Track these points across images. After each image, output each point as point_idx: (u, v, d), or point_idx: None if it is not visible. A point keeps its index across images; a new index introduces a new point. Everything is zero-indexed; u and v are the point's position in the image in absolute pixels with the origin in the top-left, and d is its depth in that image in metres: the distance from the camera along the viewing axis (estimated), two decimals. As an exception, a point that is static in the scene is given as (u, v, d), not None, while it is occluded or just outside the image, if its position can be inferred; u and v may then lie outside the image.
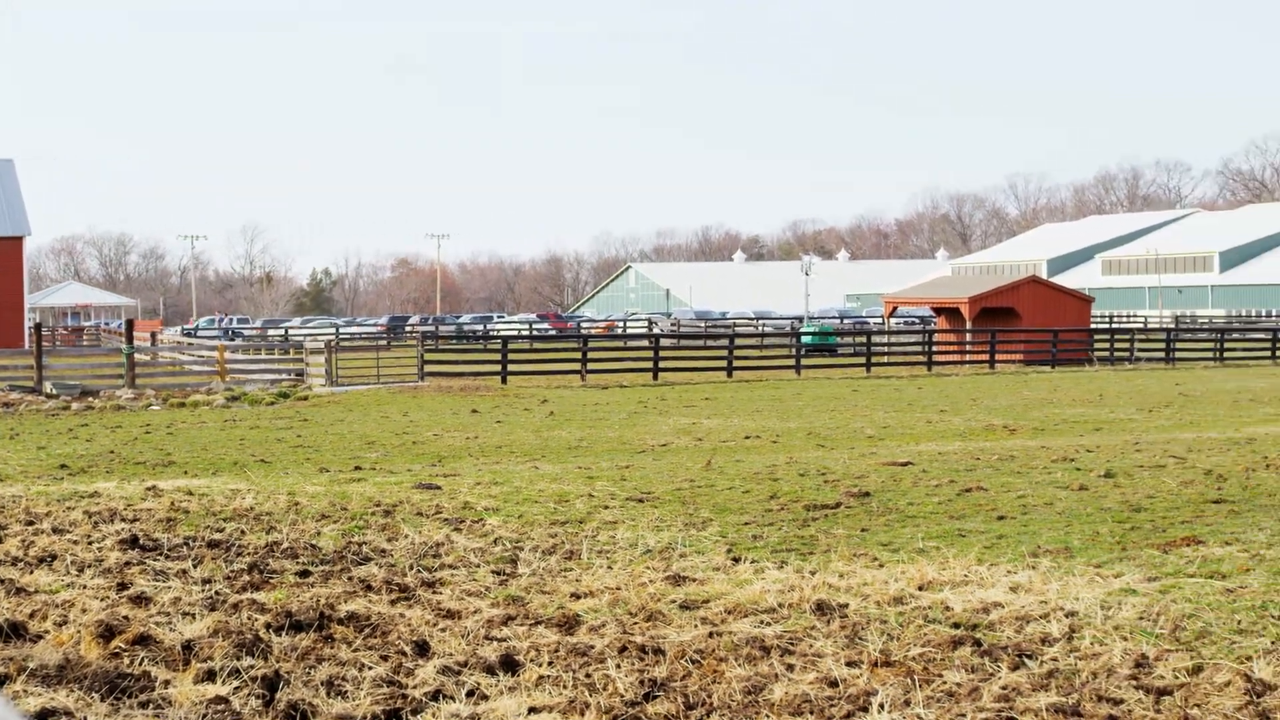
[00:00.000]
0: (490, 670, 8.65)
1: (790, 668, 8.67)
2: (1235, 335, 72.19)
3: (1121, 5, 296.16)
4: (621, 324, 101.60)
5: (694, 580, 11.24)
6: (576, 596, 10.76)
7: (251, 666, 8.60)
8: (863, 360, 52.34)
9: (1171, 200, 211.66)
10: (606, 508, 15.36)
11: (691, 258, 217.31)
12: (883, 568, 11.55)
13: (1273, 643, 8.91)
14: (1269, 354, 58.83)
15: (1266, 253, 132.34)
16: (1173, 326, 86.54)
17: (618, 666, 8.68)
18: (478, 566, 12.01)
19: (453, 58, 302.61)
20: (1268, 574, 11.02)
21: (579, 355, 47.61)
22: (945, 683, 8.27)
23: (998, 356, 53.64)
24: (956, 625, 9.58)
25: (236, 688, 8.22)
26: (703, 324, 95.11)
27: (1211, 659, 8.59)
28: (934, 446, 22.01)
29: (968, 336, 56.85)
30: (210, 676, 8.43)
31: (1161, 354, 57.26)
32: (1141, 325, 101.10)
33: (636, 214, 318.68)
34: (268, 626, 9.60)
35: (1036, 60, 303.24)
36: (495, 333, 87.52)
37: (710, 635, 9.37)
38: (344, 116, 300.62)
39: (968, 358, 54.74)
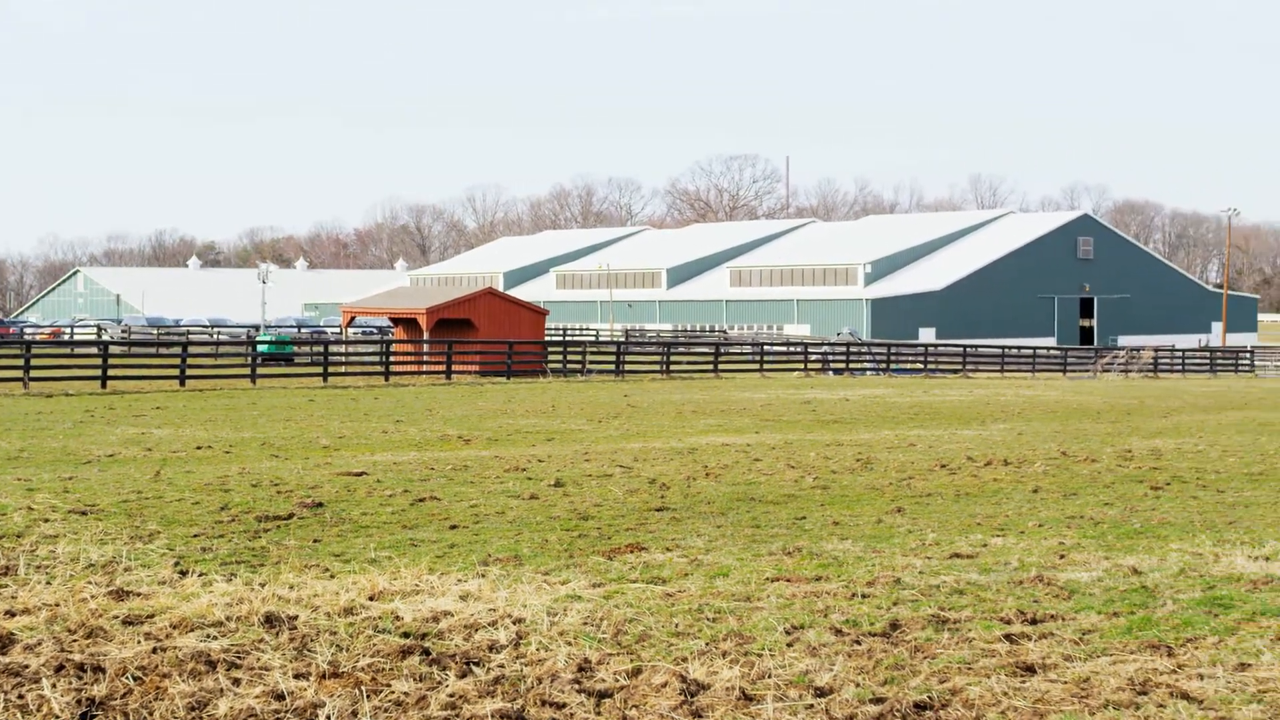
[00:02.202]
0: (-88, 696, 8.13)
1: (237, 682, 8.49)
2: (681, 349, 75.23)
3: (570, 25, 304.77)
4: (69, 330, 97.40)
5: (139, 595, 10.88)
6: (11, 614, 10.24)
7: None
8: (320, 370, 51.90)
9: (623, 217, 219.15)
10: (47, 520, 14.70)
11: (145, 263, 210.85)
12: (334, 578, 11.47)
13: (707, 644, 9.30)
14: (711, 367, 61.57)
15: (710, 270, 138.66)
16: (623, 340, 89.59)
17: (54, 686, 8.30)
18: (-98, 585, 11.27)
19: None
20: (704, 578, 11.51)
21: (21, 362, 45.38)
22: (394, 692, 8.28)
23: (455, 367, 54.14)
24: (406, 634, 9.60)
25: None
26: (155, 331, 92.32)
27: (650, 661, 8.90)
28: (389, 457, 22.04)
29: (425, 347, 57.14)
30: None
31: (612, 366, 59.09)
32: (594, 338, 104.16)
33: (86, 217, 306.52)
34: None
35: (494, 74, 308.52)
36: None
37: (154, 651, 9.08)
38: None
39: (425, 368, 55.00)
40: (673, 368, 61.05)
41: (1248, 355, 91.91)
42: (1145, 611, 10.26)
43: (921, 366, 72.44)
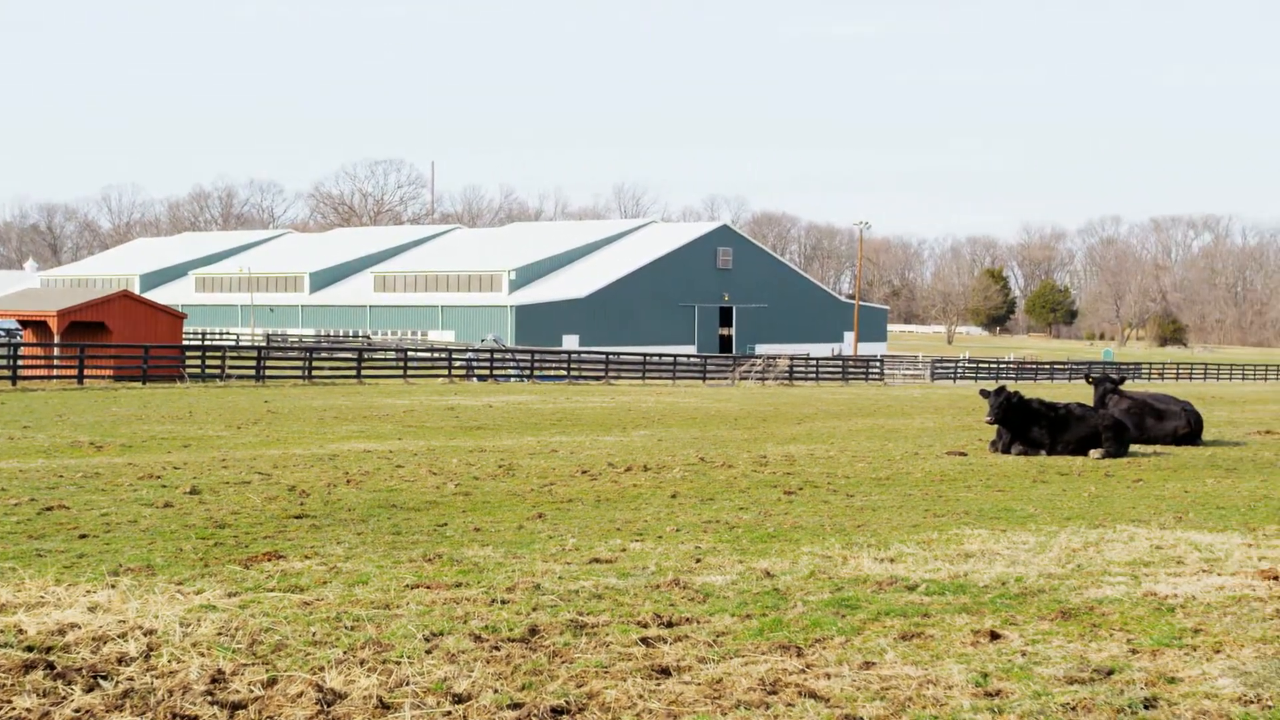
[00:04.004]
0: None
1: None
2: (324, 354, 74.31)
3: (213, 21, 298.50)
4: None
5: None
6: None
7: None
8: (-58, 373, 49.67)
9: (265, 220, 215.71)
10: None
11: None
12: (-47, 592, 10.96)
13: (345, 653, 9.19)
14: (354, 373, 61.06)
15: (354, 275, 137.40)
16: (264, 345, 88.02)
17: None
18: None
19: None
20: (343, 586, 11.38)
21: None
22: (15, 709, 7.96)
23: (88, 372, 52.39)
24: (30, 648, 9.23)
25: None
26: None
27: (286, 671, 8.76)
28: (15, 464, 21.18)
29: (55, 350, 55.18)
30: None
31: (253, 372, 58.03)
32: (234, 343, 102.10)
33: None
34: None
35: (131, 68, 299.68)
36: None
37: None
38: None
39: (56, 372, 53.10)
40: (315, 373, 60.34)
41: (878, 364, 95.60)
42: (777, 613, 10.54)
43: (565, 373, 73.19)
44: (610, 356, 78.10)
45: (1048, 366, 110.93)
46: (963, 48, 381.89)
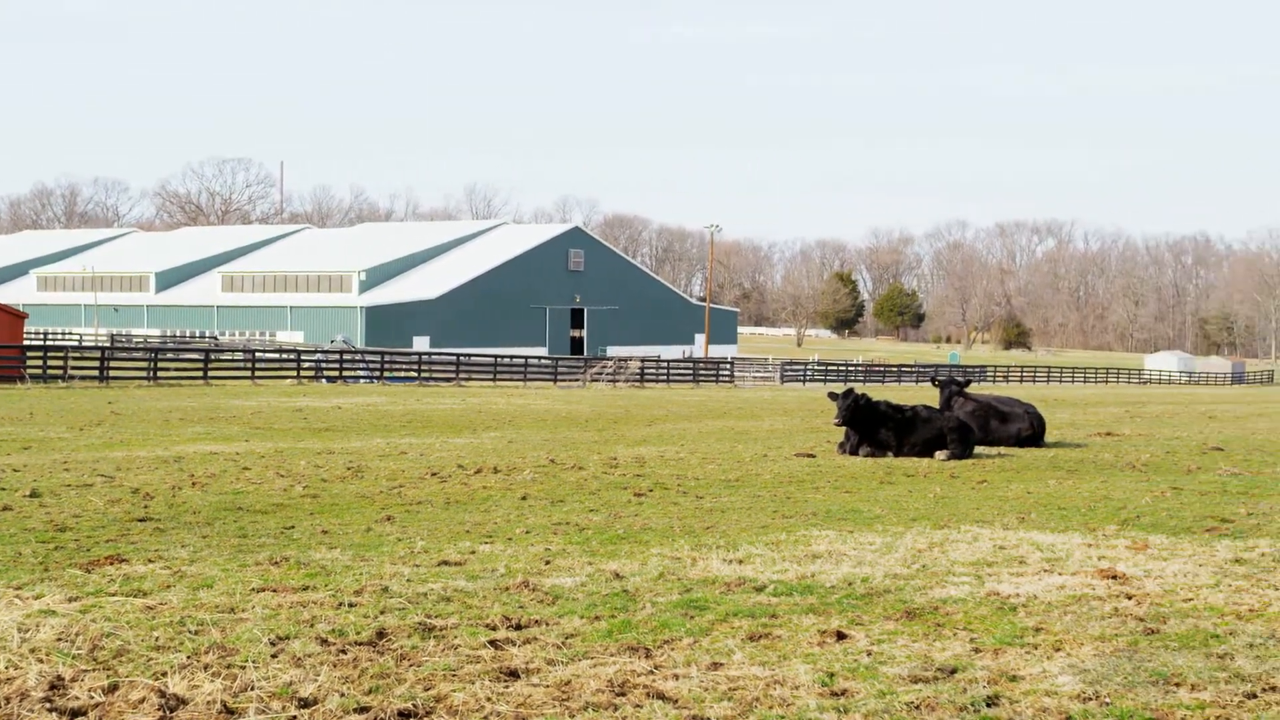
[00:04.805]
0: None
1: None
2: (170, 355, 73.24)
3: (51, 16, 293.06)
4: None
5: None
6: None
7: None
8: None
9: (110, 219, 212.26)
10: None
11: None
12: None
13: (188, 657, 9.05)
14: (201, 374, 60.24)
15: (201, 275, 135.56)
16: (109, 345, 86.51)
17: None
18: None
19: None
20: (188, 590, 11.21)
21: None
22: None
23: (-76, 372, 51.30)
24: None
25: None
26: None
27: (128, 676, 8.61)
28: None
29: (-109, 350, 53.94)
30: None
31: (96, 372, 57.06)
32: (77, 343, 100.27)
33: None
34: None
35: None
36: None
37: None
38: None
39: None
40: (160, 374, 59.45)
41: (728, 366, 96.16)
42: (626, 615, 10.55)
43: (416, 375, 72.76)
44: (461, 358, 77.77)
45: (895, 369, 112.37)
46: (809, 51, 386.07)
